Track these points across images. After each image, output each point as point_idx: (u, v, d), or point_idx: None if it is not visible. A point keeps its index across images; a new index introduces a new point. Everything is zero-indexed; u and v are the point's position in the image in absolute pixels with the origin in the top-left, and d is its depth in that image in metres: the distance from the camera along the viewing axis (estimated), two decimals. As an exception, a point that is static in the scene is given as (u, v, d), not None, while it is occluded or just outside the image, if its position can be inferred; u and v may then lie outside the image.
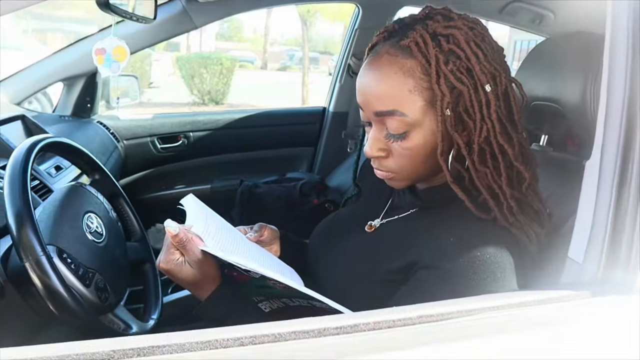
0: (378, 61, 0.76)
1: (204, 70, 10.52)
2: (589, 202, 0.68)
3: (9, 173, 0.84)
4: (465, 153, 0.75)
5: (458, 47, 0.73)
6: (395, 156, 0.79)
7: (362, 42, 2.25)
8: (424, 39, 0.73)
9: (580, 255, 0.67)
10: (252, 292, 0.83)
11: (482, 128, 0.73)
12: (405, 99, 0.74)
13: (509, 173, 0.75)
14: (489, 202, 0.75)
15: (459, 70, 0.73)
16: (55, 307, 0.79)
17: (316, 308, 0.78)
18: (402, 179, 0.82)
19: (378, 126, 0.79)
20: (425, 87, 0.74)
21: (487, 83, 0.73)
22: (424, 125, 0.76)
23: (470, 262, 0.70)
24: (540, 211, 0.78)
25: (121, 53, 1.35)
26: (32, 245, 0.77)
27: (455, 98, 0.73)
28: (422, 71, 0.74)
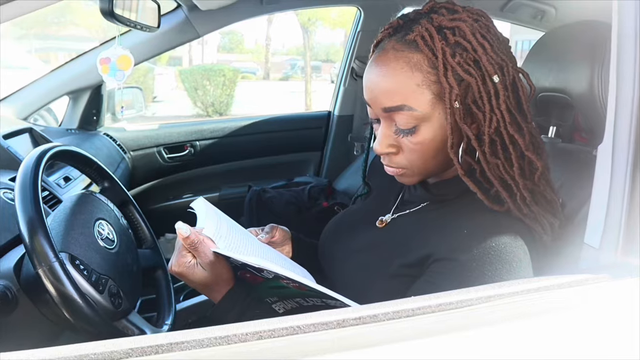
0: (384, 57, 0.76)
1: (206, 82, 10.58)
2: (603, 186, 0.67)
3: (19, 181, 0.84)
4: (475, 145, 0.74)
5: (464, 39, 0.73)
6: (405, 152, 0.79)
7: (364, 44, 2.26)
8: (429, 33, 0.73)
9: (596, 241, 0.66)
10: (265, 293, 0.82)
11: (491, 119, 0.73)
12: (413, 93, 0.74)
13: (521, 163, 0.74)
14: (502, 193, 0.74)
15: (466, 62, 0.72)
16: (70, 313, 0.78)
17: (330, 307, 0.78)
18: (413, 175, 0.82)
19: (387, 122, 0.79)
20: (433, 81, 0.73)
21: (495, 74, 0.72)
22: (433, 119, 0.75)
23: (485, 252, 0.69)
24: (554, 201, 0.77)
25: (126, 62, 1.35)
26: (44, 252, 0.77)
27: (463, 90, 0.73)
28: (429, 65, 0.73)
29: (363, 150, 2.35)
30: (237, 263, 0.78)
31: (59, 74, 1.93)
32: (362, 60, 2.27)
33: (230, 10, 1.93)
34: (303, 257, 1.02)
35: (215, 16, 1.95)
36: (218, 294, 0.81)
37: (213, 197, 2.36)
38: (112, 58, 1.33)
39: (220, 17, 1.98)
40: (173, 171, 2.34)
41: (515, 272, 0.69)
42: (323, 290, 0.73)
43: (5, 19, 0.75)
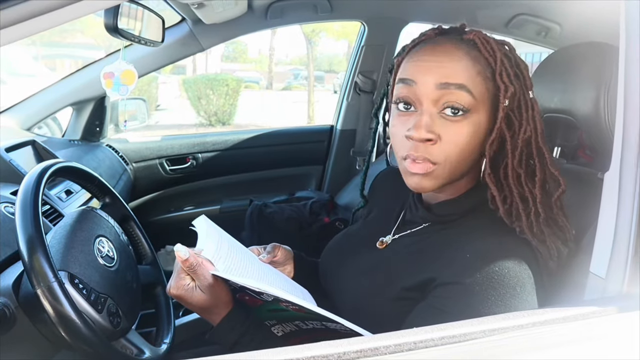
0: (442, 45, 0.78)
1: (210, 91, 10.61)
2: (610, 215, 0.66)
3: (20, 199, 0.84)
4: (509, 148, 0.76)
5: (511, 53, 0.79)
6: (443, 143, 0.75)
7: (368, 59, 2.26)
8: (485, 37, 0.78)
9: (602, 270, 0.65)
10: (264, 316, 0.81)
11: (525, 129, 0.76)
12: (473, 79, 0.75)
13: (543, 177, 0.76)
14: (518, 205, 0.75)
15: (513, 71, 0.77)
16: (68, 333, 0.77)
17: (330, 330, 0.77)
18: (439, 176, 0.77)
19: (431, 107, 0.75)
20: (488, 77, 0.76)
21: (531, 90, 0.78)
22: (479, 114, 0.76)
23: (488, 277, 0.68)
24: (566, 228, 0.76)
25: (129, 76, 1.35)
26: (44, 272, 0.76)
27: (511, 94, 0.76)
28: (485, 62, 0.77)
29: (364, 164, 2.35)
30: (236, 285, 0.77)
31: (63, 85, 1.93)
32: (366, 75, 2.28)
33: (234, 24, 1.93)
34: (304, 277, 1.01)
35: (219, 30, 1.95)
36: (217, 316, 0.80)
37: (214, 210, 2.35)
38: (115, 73, 1.33)
39: (224, 31, 1.98)
40: (175, 183, 2.33)
41: (519, 297, 0.68)
42: (323, 313, 0.72)
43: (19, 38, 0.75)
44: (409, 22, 2.19)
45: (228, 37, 2.05)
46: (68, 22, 0.75)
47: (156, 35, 1.48)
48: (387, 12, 2.14)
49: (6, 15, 0.69)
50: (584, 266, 0.76)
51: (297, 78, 21.84)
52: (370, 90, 2.30)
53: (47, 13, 0.72)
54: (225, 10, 1.74)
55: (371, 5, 2.10)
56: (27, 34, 0.75)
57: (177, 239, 2.52)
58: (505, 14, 1.96)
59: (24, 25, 0.71)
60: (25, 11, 0.70)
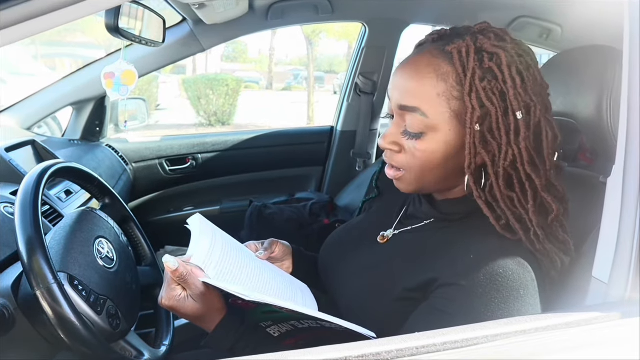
0: (419, 59, 0.78)
1: (210, 91, 10.60)
2: (613, 219, 0.66)
3: (20, 200, 0.83)
4: (491, 172, 0.74)
5: (498, 67, 0.72)
6: (407, 153, 0.79)
7: (369, 60, 2.25)
8: (467, 50, 0.74)
9: (605, 275, 0.65)
10: (259, 318, 0.81)
11: (507, 152, 0.72)
12: (431, 101, 0.75)
13: (536, 201, 0.73)
14: (514, 225, 0.73)
15: (492, 91, 0.72)
16: (67, 335, 0.77)
17: (325, 328, 0.76)
18: (410, 182, 0.82)
19: (398, 120, 0.80)
20: (455, 97, 0.74)
21: (520, 110, 0.72)
22: (441, 133, 0.75)
23: (491, 279, 0.68)
24: (566, 241, 0.76)
25: (130, 77, 1.35)
26: (43, 274, 0.76)
27: (482, 116, 0.73)
28: (455, 80, 0.74)
29: (365, 167, 2.34)
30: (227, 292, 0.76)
31: (63, 85, 1.92)
32: (366, 77, 2.27)
33: (235, 25, 1.92)
34: (303, 272, 1.01)
35: (220, 30, 1.94)
36: (211, 324, 0.79)
37: (214, 210, 2.34)
38: (116, 73, 1.33)
39: (225, 31, 1.98)
40: (174, 183, 2.33)
41: (522, 299, 0.68)
42: (316, 315, 0.71)
43: (19, 39, 0.75)
44: (410, 24, 2.19)
45: (229, 37, 2.05)
46: (69, 23, 0.75)
47: (157, 35, 1.47)
48: (388, 13, 2.14)
49: (6, 15, 0.69)
50: (585, 270, 0.75)
51: (297, 78, 21.83)
52: (371, 91, 2.30)
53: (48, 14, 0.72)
54: (226, 11, 1.73)
55: (372, 7, 2.10)
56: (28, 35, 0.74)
57: (177, 239, 2.54)
58: (506, 16, 1.96)
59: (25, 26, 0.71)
60: (26, 12, 0.70)
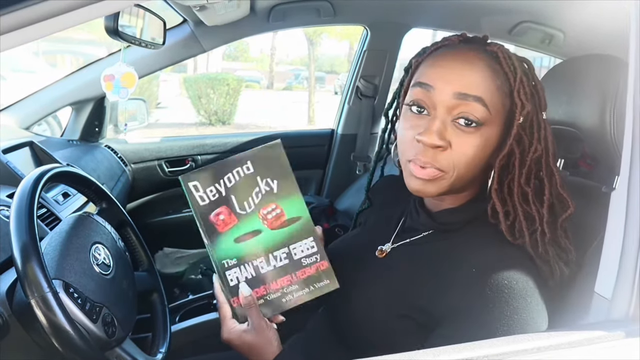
0: (465, 53, 0.77)
1: (210, 90, 10.59)
2: (617, 234, 0.65)
3: (15, 206, 0.82)
4: (516, 164, 0.75)
5: (530, 71, 0.78)
6: (453, 151, 0.74)
7: (370, 63, 2.24)
8: (508, 52, 0.77)
9: (608, 291, 0.64)
10: (226, 252, 0.81)
11: (536, 147, 0.75)
12: (492, 92, 0.74)
13: (551, 198, 0.75)
14: (522, 223, 0.73)
15: (530, 89, 0.76)
16: (61, 344, 0.76)
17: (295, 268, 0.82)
18: (445, 185, 0.76)
19: (445, 114, 0.74)
20: (506, 93, 0.76)
21: (545, 111, 0.77)
22: (492, 128, 0.75)
23: (498, 292, 0.68)
24: (568, 250, 0.76)
25: (129, 79, 1.34)
26: (38, 281, 0.75)
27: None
28: (504, 77, 0.76)
29: (366, 170, 2.33)
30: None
31: (63, 85, 1.91)
32: (368, 80, 2.26)
33: (236, 26, 1.91)
34: None
35: (221, 32, 1.93)
36: (266, 358, 0.80)
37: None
38: (116, 75, 1.31)
39: (226, 33, 1.96)
40: (174, 185, 2.31)
41: (530, 306, 0.67)
42: None
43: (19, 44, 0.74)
44: (412, 28, 2.18)
45: (230, 39, 2.04)
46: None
47: (157, 37, 1.46)
48: (390, 17, 2.13)
49: (6, 20, 0.68)
50: (586, 283, 0.75)
51: (298, 78, 21.83)
52: (372, 95, 2.29)
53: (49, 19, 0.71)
54: (227, 13, 1.72)
55: (374, 10, 2.09)
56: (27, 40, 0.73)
57: (175, 241, 2.52)
58: (509, 21, 1.94)
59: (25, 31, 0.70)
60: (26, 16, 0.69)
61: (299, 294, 0.83)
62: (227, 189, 0.80)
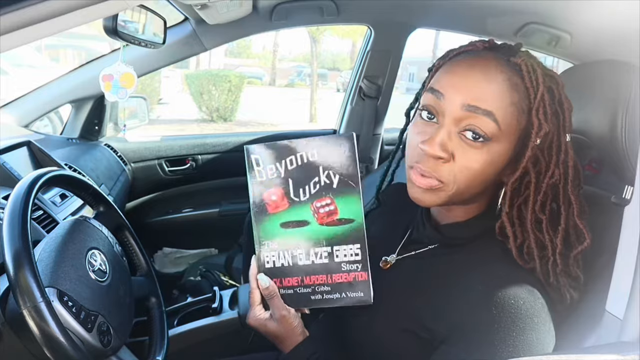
0: (485, 62, 0.72)
1: (212, 87, 10.56)
2: (630, 250, 0.62)
3: (9, 210, 0.80)
4: (532, 189, 0.72)
5: (557, 88, 0.72)
6: (455, 164, 0.72)
7: (374, 63, 2.21)
8: (533, 65, 0.71)
9: (620, 310, 0.62)
10: (272, 230, 0.82)
11: (553, 171, 0.71)
12: (505, 108, 0.70)
13: (567, 228, 0.71)
14: (534, 251, 0.71)
15: (552, 109, 0.71)
16: (54, 355, 0.74)
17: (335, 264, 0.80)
18: (444, 197, 0.74)
19: (452, 125, 0.72)
20: (523, 109, 0.71)
21: (569, 133, 0.72)
22: (502, 144, 0.71)
23: (504, 311, 0.66)
24: (579, 278, 0.73)
25: (129, 79, 1.31)
26: (30, 291, 0.72)
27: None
28: (524, 93, 0.71)
29: (368, 172, 2.30)
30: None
31: (63, 82, 1.89)
32: (371, 80, 2.23)
33: (238, 25, 1.89)
34: None
35: (222, 30, 1.91)
36: (289, 345, 0.82)
37: (213, 213, 2.31)
38: (115, 75, 1.29)
39: (228, 32, 1.94)
40: (173, 184, 2.30)
41: (538, 327, 0.65)
42: None
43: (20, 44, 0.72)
44: (417, 28, 2.15)
45: (231, 38, 2.01)
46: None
47: (157, 36, 1.44)
48: (394, 16, 2.10)
49: (6, 20, 0.66)
50: (596, 300, 0.72)
51: (300, 75, 21.81)
52: (375, 95, 2.26)
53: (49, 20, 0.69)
54: (229, 11, 1.69)
55: (378, 10, 2.06)
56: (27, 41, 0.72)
57: (175, 241, 2.50)
58: (515, 22, 1.92)
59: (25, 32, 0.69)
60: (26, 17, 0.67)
61: (329, 297, 0.81)
62: (287, 171, 0.79)
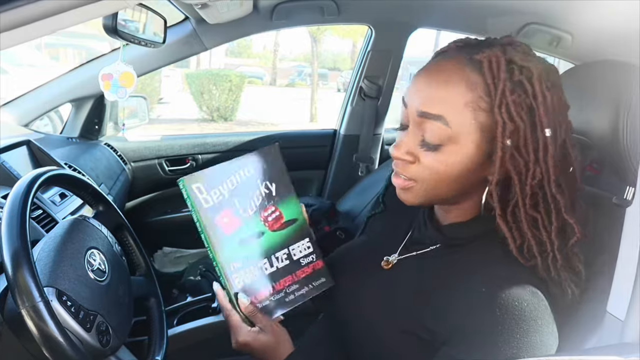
0: (444, 64, 0.72)
1: (213, 86, 10.56)
2: (632, 251, 0.62)
3: (7, 209, 0.80)
4: (518, 190, 0.71)
5: (529, 81, 0.69)
6: (421, 165, 0.74)
7: (374, 64, 2.21)
8: (497, 60, 0.69)
9: (621, 312, 0.61)
10: (232, 253, 0.82)
11: (535, 170, 0.69)
12: (457, 110, 0.70)
13: (559, 223, 0.71)
14: (533, 248, 0.70)
15: (521, 105, 0.69)
16: (53, 355, 0.74)
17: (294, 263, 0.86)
18: (418, 194, 0.77)
19: (415, 129, 0.74)
20: (482, 108, 0.70)
21: (549, 127, 0.69)
22: (462, 145, 0.71)
23: (507, 313, 0.65)
24: (580, 272, 0.73)
25: (128, 79, 1.31)
26: (29, 290, 0.72)
27: (512, 130, 0.69)
28: (483, 90, 0.70)
29: (368, 172, 2.30)
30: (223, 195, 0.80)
31: (63, 81, 1.89)
32: (371, 80, 2.23)
33: (238, 24, 1.88)
34: None
35: (223, 30, 1.90)
36: (282, 354, 0.83)
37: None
38: (114, 74, 1.29)
39: (228, 31, 1.94)
40: (174, 184, 2.27)
41: (541, 329, 0.65)
42: None
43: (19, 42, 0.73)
44: (418, 28, 2.14)
45: (232, 37, 2.01)
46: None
47: (157, 36, 1.43)
48: (395, 16, 2.09)
49: (6, 18, 0.66)
50: (596, 301, 0.72)
51: (301, 75, 21.80)
52: (376, 95, 2.25)
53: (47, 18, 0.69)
54: (229, 11, 1.69)
55: (379, 9, 2.05)
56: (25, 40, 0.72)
57: (174, 240, 2.49)
58: (516, 23, 1.91)
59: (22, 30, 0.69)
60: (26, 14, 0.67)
61: (300, 292, 0.86)
62: (230, 191, 0.81)
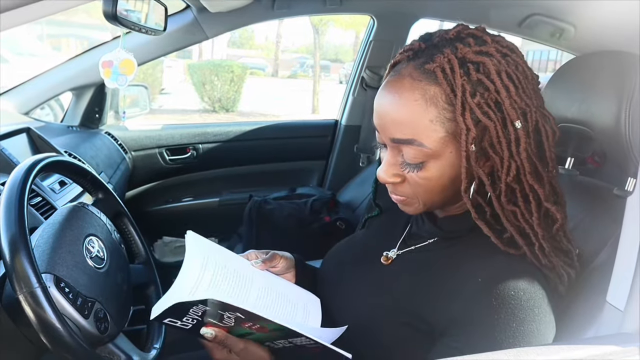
0: (399, 83, 0.70)
1: (214, 77, 10.52)
2: (632, 242, 0.62)
3: (5, 195, 0.79)
4: (490, 190, 0.70)
5: (488, 77, 0.67)
6: (410, 183, 0.74)
7: (376, 54, 2.20)
8: (451, 65, 0.67)
9: (621, 302, 0.61)
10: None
11: (510, 166, 0.68)
12: (425, 129, 0.69)
13: (540, 213, 0.70)
14: (518, 240, 0.70)
15: (487, 104, 0.67)
16: (50, 341, 0.74)
17: (298, 347, 0.75)
18: (417, 206, 0.78)
19: (394, 152, 0.74)
20: (448, 118, 0.68)
21: (518, 119, 0.67)
22: (443, 157, 0.71)
23: (504, 302, 0.65)
24: (570, 251, 0.73)
25: (128, 66, 1.30)
26: (26, 276, 0.72)
27: (480, 132, 0.68)
28: (445, 100, 0.68)
29: (369, 162, 2.30)
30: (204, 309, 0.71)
31: (63, 70, 1.88)
32: (373, 70, 2.22)
33: (240, 13, 1.87)
34: (306, 286, 0.97)
35: (224, 19, 1.90)
36: None
37: (213, 202, 2.31)
38: (114, 62, 1.28)
39: (230, 20, 1.92)
40: (174, 173, 2.29)
41: (538, 318, 0.65)
42: (292, 327, 0.69)
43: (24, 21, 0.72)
44: (420, 18, 2.13)
45: (233, 26, 2.00)
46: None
47: (158, 23, 1.42)
48: (397, 6, 2.08)
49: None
50: (596, 291, 0.72)
51: (303, 66, 21.73)
52: (377, 86, 2.24)
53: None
54: (231, 0, 1.68)
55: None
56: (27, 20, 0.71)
57: (175, 230, 2.49)
58: (519, 14, 1.90)
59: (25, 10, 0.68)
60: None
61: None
62: (200, 316, 0.73)
